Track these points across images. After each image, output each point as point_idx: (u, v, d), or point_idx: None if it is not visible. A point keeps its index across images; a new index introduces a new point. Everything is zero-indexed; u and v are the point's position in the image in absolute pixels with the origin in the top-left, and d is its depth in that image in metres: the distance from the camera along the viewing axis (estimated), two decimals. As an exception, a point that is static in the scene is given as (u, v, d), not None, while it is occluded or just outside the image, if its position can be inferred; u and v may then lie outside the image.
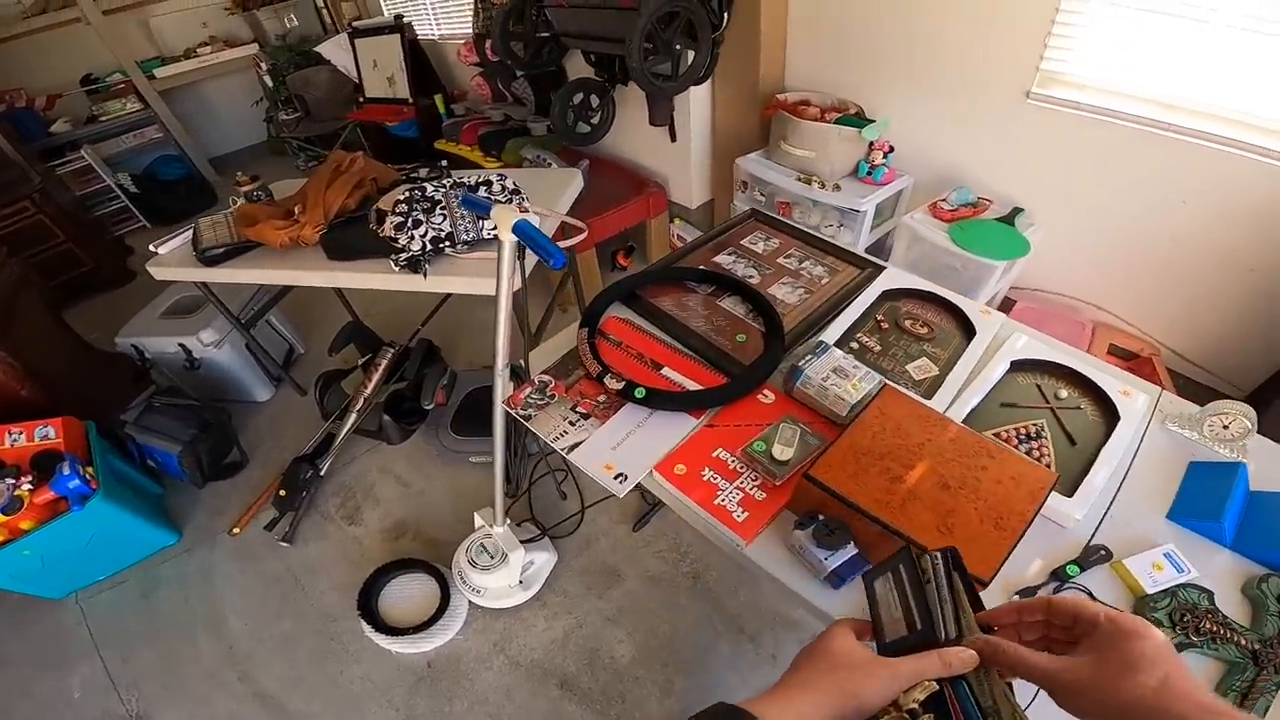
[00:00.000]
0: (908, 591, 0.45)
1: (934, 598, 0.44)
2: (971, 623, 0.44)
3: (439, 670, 1.46)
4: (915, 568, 0.46)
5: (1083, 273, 1.71)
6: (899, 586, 0.46)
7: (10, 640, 1.64)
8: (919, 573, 0.45)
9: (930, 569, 0.45)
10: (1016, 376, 1.00)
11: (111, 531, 1.64)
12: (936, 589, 0.44)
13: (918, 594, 0.44)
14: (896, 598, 0.45)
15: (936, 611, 0.43)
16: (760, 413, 0.93)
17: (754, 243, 1.34)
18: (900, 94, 1.81)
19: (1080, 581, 0.75)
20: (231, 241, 1.55)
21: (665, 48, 1.67)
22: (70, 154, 3.19)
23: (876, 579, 0.48)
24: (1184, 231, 1.49)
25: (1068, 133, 1.55)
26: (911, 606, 0.44)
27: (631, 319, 1.13)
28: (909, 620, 0.44)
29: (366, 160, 1.67)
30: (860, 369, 0.91)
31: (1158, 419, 0.92)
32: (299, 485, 1.78)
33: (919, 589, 0.44)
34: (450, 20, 3.12)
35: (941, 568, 0.45)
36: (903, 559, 0.47)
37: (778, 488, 0.83)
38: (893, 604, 0.46)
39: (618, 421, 0.93)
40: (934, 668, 0.41)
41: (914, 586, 0.45)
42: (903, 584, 0.45)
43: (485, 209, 0.91)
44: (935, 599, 0.44)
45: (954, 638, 0.42)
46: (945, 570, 0.45)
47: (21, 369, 1.67)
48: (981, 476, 0.75)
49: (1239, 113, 1.34)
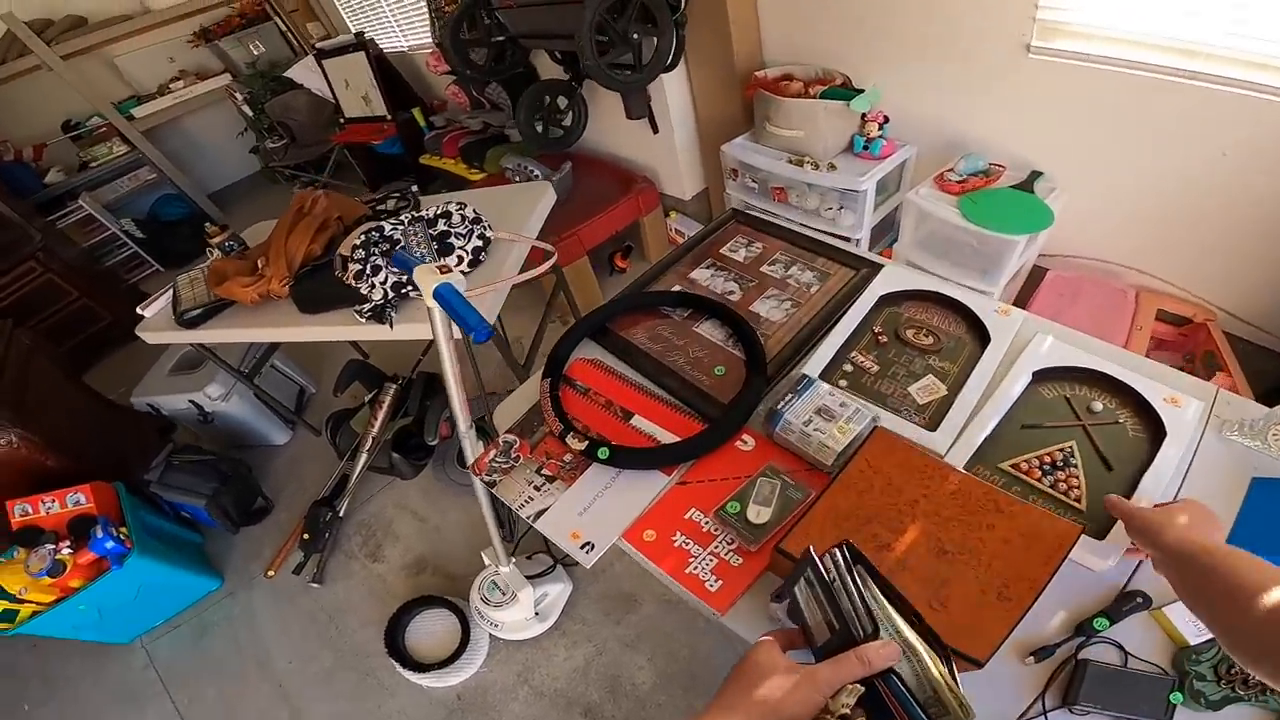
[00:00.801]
0: (819, 594, 0.44)
1: (842, 596, 0.43)
2: (888, 612, 0.43)
3: (468, 702, 1.49)
4: (820, 568, 0.44)
5: (1119, 235, 1.53)
6: (813, 590, 0.45)
7: (90, 684, 1.78)
8: (824, 573, 0.44)
9: (833, 568, 0.44)
10: (1040, 389, 0.87)
11: (156, 583, 1.73)
12: (843, 586, 0.43)
13: (828, 595, 0.43)
14: (815, 602, 0.44)
15: (848, 610, 0.42)
16: (739, 463, 0.85)
17: (735, 250, 1.23)
18: (888, 59, 1.63)
19: (1110, 635, 0.65)
20: (208, 301, 1.54)
21: (621, 38, 1.54)
22: (70, 204, 3.15)
23: (795, 585, 0.46)
24: (1228, 184, 1.31)
25: (1081, 87, 1.37)
26: (827, 607, 0.43)
27: (600, 358, 1.06)
28: (829, 622, 0.43)
29: (330, 198, 1.61)
30: (849, 406, 0.82)
31: (1214, 425, 0.79)
32: (320, 528, 1.82)
33: (828, 589, 0.43)
34: (415, 31, 3.01)
35: (842, 564, 0.44)
36: (808, 563, 0.45)
37: (754, 553, 0.75)
38: (814, 608, 0.44)
39: (585, 483, 0.87)
40: (853, 669, 0.40)
41: (823, 588, 0.44)
42: (814, 587, 0.44)
43: (408, 267, 0.84)
44: (844, 597, 0.43)
45: (870, 633, 0.41)
46: (846, 565, 0.43)
47: (42, 442, 1.74)
48: (986, 537, 0.66)
49: (1267, 56, 1.15)
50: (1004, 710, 0.62)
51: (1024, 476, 0.77)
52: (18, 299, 2.56)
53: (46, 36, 2.89)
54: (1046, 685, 0.64)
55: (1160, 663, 0.63)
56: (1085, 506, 0.73)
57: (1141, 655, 0.64)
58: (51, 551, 1.56)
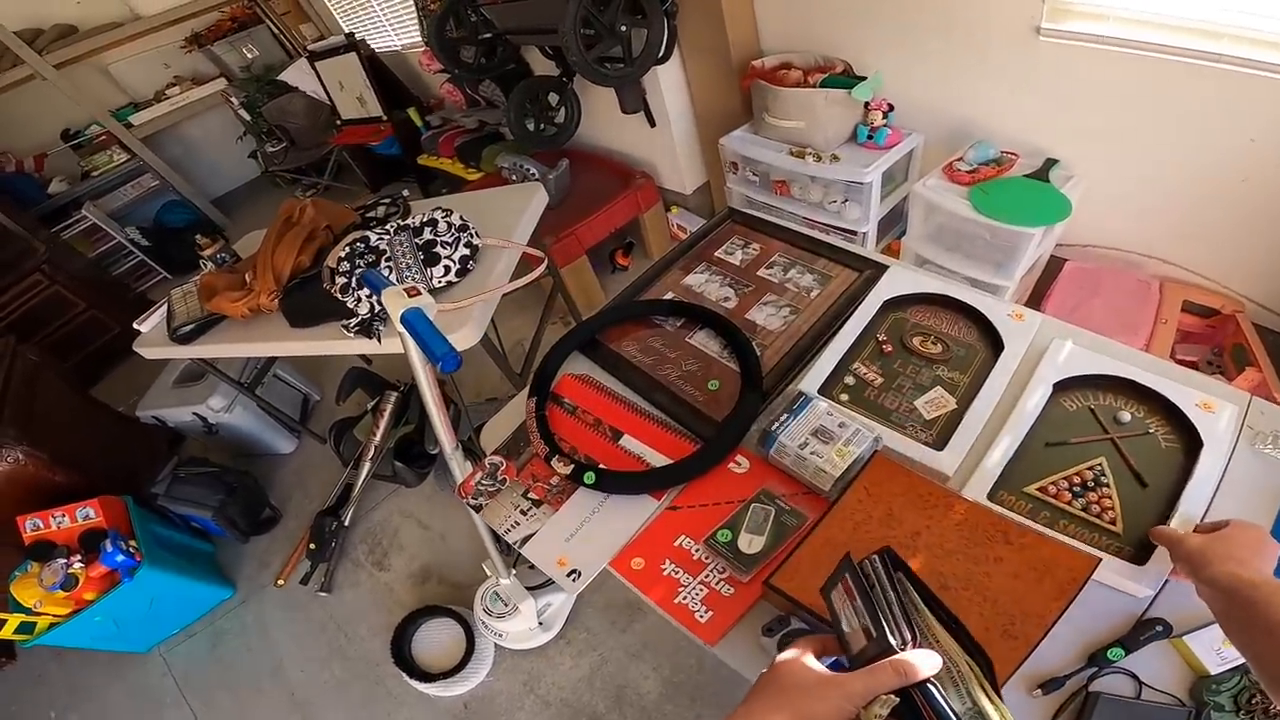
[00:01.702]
0: (857, 600, 0.42)
1: (880, 603, 0.41)
2: (929, 621, 0.42)
3: (475, 711, 1.49)
4: (859, 574, 0.43)
5: (1140, 223, 1.44)
6: (850, 596, 0.43)
7: (113, 692, 1.82)
8: (864, 579, 0.42)
9: (872, 573, 0.43)
10: (1062, 400, 0.81)
11: (168, 594, 1.75)
12: (882, 593, 0.42)
13: (867, 601, 0.42)
14: (851, 608, 0.43)
15: (884, 618, 0.40)
16: (732, 486, 0.81)
17: (730, 253, 1.18)
18: (890, 44, 1.55)
19: (1125, 665, 0.61)
20: (200, 316, 1.53)
21: (609, 31, 1.48)
22: (74, 214, 3.12)
23: (831, 591, 0.45)
24: (1256, 170, 1.22)
25: (1095, 70, 1.29)
26: (865, 615, 0.42)
27: (589, 373, 1.02)
28: (865, 630, 0.41)
29: (318, 205, 1.58)
30: (849, 426, 0.77)
31: (1247, 437, 0.73)
32: (326, 537, 1.83)
33: (867, 596, 0.42)
34: (406, 30, 2.95)
35: (882, 570, 0.42)
36: (846, 567, 0.44)
37: (746, 584, 0.72)
38: (850, 615, 0.43)
39: (572, 507, 0.84)
40: (888, 679, 0.38)
41: (862, 594, 0.42)
42: (853, 593, 0.43)
43: (378, 289, 0.81)
44: (882, 604, 0.41)
45: (909, 641, 0.40)
46: (886, 571, 0.42)
47: (48, 458, 1.76)
48: (993, 571, 0.61)
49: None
50: None
51: (1053, 500, 0.71)
52: (25, 313, 2.55)
53: (37, 46, 2.87)
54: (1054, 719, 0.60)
55: (1177, 693, 0.60)
56: (1121, 529, 0.68)
57: (1157, 685, 0.60)
58: (64, 565, 1.58)
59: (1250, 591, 0.48)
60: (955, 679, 0.40)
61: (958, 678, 0.41)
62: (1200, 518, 0.67)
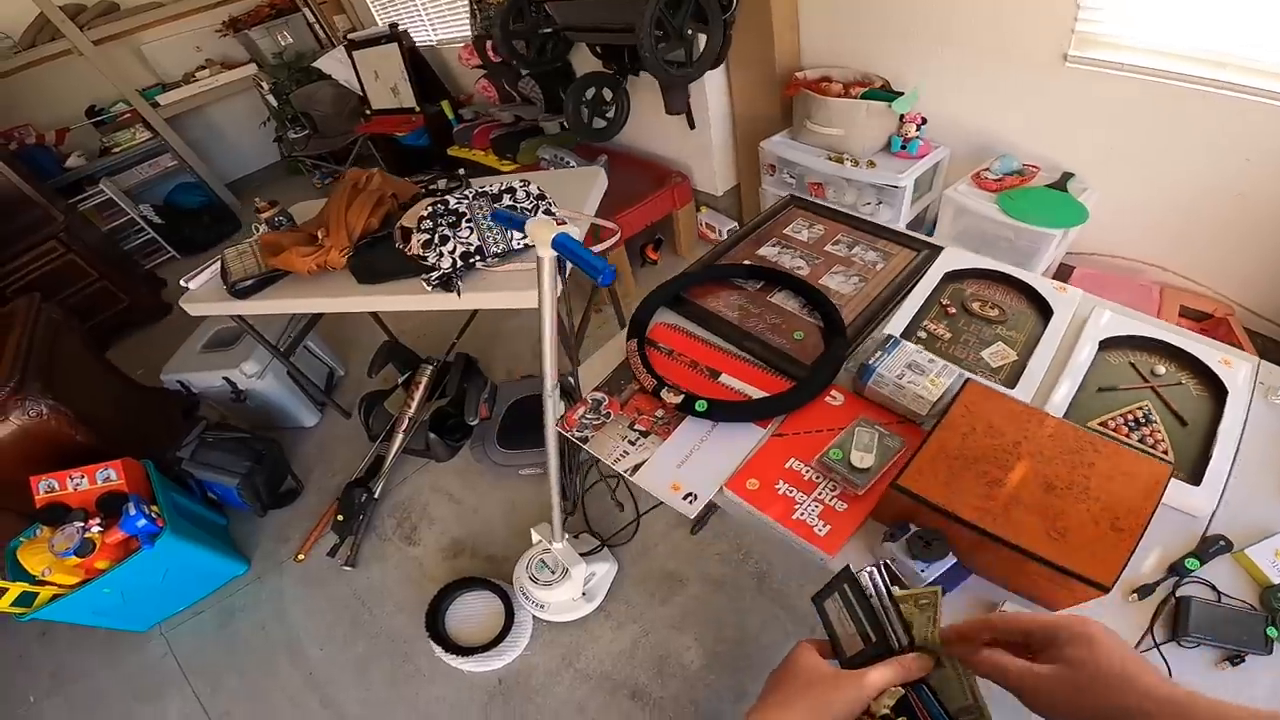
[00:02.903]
0: (856, 608, 0.47)
1: (880, 610, 0.46)
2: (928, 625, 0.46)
3: (510, 687, 1.46)
4: (858, 585, 0.48)
5: (1143, 233, 1.61)
6: (847, 604, 0.48)
7: (105, 673, 1.71)
8: (862, 589, 0.47)
9: (870, 584, 0.47)
10: (1106, 356, 0.93)
11: (184, 565, 1.68)
12: (880, 601, 0.46)
13: (865, 609, 0.47)
14: (847, 615, 0.48)
15: (885, 623, 0.45)
16: (830, 416, 0.88)
17: (797, 231, 1.28)
18: (927, 64, 1.71)
19: (1202, 575, 0.70)
20: (260, 272, 1.54)
21: (676, 34, 1.60)
22: (89, 189, 3.17)
23: (826, 600, 0.50)
24: (1251, 187, 1.40)
25: (1113, 95, 1.45)
26: (863, 621, 0.47)
27: (679, 324, 1.09)
28: (862, 634, 0.46)
29: (383, 176, 1.64)
30: (937, 363, 0.86)
31: (1260, 392, 0.85)
32: (355, 509, 1.81)
33: (865, 604, 0.47)
34: (446, 25, 3.06)
35: (880, 581, 0.47)
36: (845, 578, 0.49)
37: (860, 497, 0.79)
38: (845, 621, 0.48)
39: (680, 437, 0.90)
40: (896, 674, 0.43)
41: (860, 602, 0.47)
42: (850, 602, 0.47)
43: (519, 225, 0.86)
44: (881, 611, 0.46)
45: (905, 645, 0.45)
46: (884, 583, 0.47)
47: (73, 415, 1.71)
48: (1090, 474, 0.69)
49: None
50: None
51: (1113, 434, 0.81)
52: (40, 277, 2.56)
53: (79, 21, 2.90)
54: (1152, 621, 0.68)
55: (1250, 600, 0.67)
56: (1174, 459, 0.78)
57: (1231, 594, 0.68)
58: (80, 529, 1.50)
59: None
60: (957, 673, 0.44)
61: (964, 676, 0.44)
62: (1233, 457, 0.77)
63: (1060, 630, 0.40)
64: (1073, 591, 0.65)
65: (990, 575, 0.73)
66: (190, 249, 3.39)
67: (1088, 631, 0.40)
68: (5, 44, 3.02)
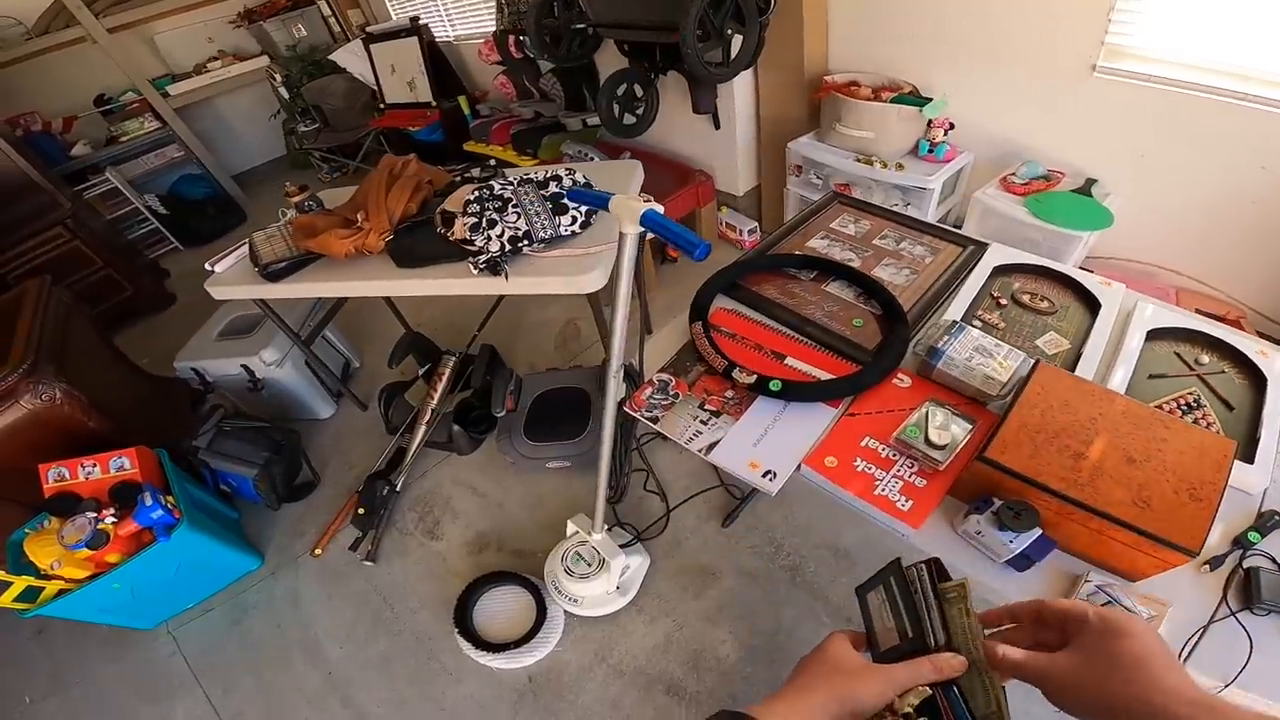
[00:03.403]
0: (899, 602, 0.47)
1: (922, 607, 0.46)
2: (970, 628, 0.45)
3: (540, 685, 1.42)
4: (904, 579, 0.47)
5: (1160, 238, 1.67)
6: (890, 598, 0.48)
7: (109, 673, 1.63)
8: (908, 584, 0.47)
9: (916, 579, 0.47)
10: (1153, 346, 0.98)
11: (198, 560, 1.62)
12: (924, 598, 0.46)
13: (908, 604, 0.46)
14: (888, 609, 0.47)
15: (925, 620, 0.45)
16: (899, 397, 0.90)
17: (844, 225, 1.30)
18: (955, 71, 1.77)
19: (1263, 548, 0.73)
20: (291, 255, 1.52)
21: (716, 33, 1.63)
22: (93, 177, 3.14)
23: (869, 592, 0.50)
24: (1265, 194, 1.46)
25: (1138, 104, 1.51)
26: (903, 616, 0.46)
27: (738, 309, 1.10)
28: (900, 629, 0.46)
29: (419, 163, 1.64)
30: (1003, 347, 0.89)
31: None
32: (377, 503, 1.77)
33: (909, 599, 0.46)
34: (466, 20, 3.07)
35: (927, 577, 0.47)
36: (892, 571, 0.48)
37: (939, 473, 0.80)
38: (885, 615, 0.48)
39: (752, 417, 0.91)
40: (927, 673, 0.42)
41: (904, 597, 0.47)
42: (894, 595, 0.47)
43: (603, 201, 0.87)
44: (923, 608, 0.45)
45: (943, 644, 0.44)
46: (930, 580, 0.46)
47: (85, 400, 1.65)
48: (1164, 449, 0.72)
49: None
50: (1194, 614, 0.69)
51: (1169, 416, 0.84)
52: (45, 263, 2.51)
53: (95, 9, 2.89)
54: (1224, 590, 0.70)
55: None
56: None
57: None
58: (93, 520, 1.44)
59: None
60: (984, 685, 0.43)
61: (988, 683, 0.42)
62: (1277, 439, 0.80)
63: (1090, 619, 0.39)
64: (1157, 558, 0.68)
65: (1071, 547, 0.74)
66: (194, 240, 3.34)
67: (1120, 621, 0.38)
68: (17, 30, 2.98)
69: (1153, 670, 0.36)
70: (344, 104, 3.29)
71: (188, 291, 3.02)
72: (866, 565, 1.50)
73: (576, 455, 1.72)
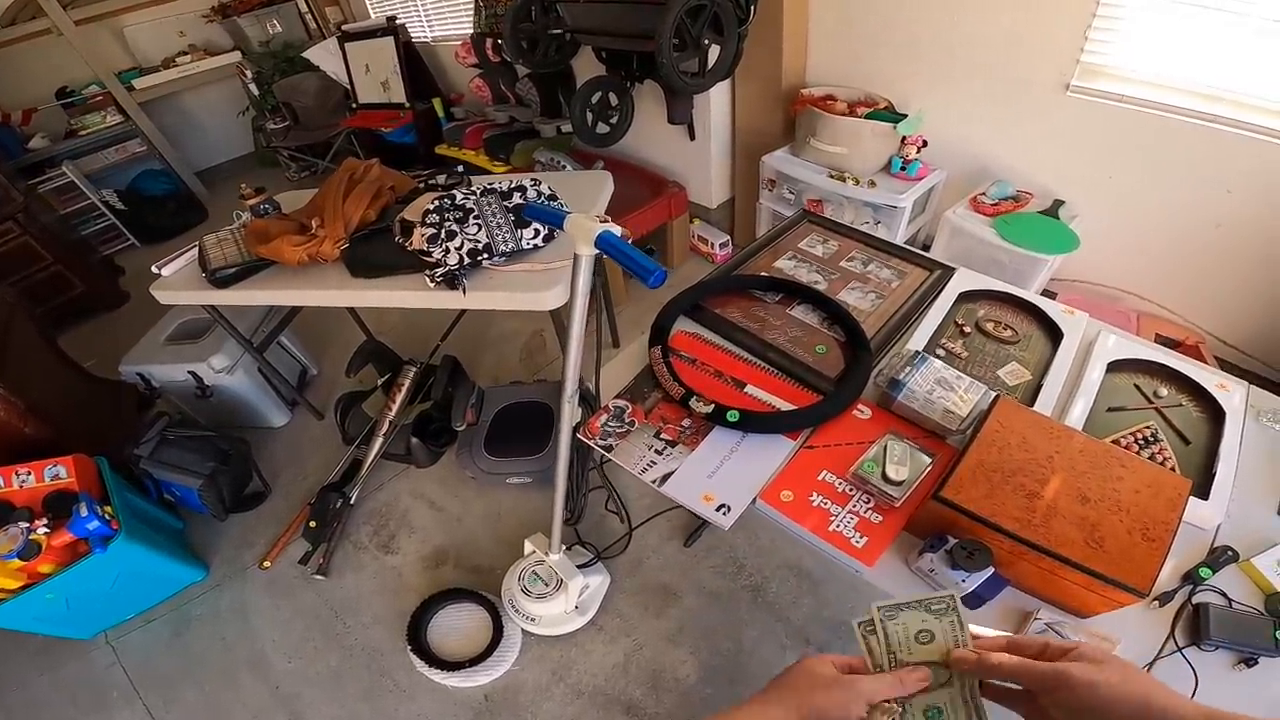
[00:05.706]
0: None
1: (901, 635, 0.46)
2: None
3: (497, 704, 1.40)
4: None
5: (1124, 262, 1.69)
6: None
7: (44, 684, 1.57)
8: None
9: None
10: (1114, 378, 0.97)
11: (137, 571, 1.56)
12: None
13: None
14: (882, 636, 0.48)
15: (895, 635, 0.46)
16: (859, 429, 0.88)
17: (812, 246, 1.28)
18: (931, 88, 1.77)
19: (1213, 584, 0.72)
20: (243, 260, 1.46)
21: (693, 43, 1.61)
22: (50, 171, 3.03)
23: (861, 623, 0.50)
24: (1228, 218, 1.48)
25: (1109, 124, 1.52)
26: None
27: (700, 333, 1.07)
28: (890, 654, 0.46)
29: (381, 168, 1.58)
30: (964, 379, 0.87)
31: (1251, 414, 0.90)
32: (329, 515, 1.70)
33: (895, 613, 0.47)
34: (444, 21, 3.01)
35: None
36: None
37: (895, 509, 0.78)
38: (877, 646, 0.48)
39: (708, 447, 0.88)
40: (890, 687, 0.43)
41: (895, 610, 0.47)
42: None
43: (558, 219, 0.82)
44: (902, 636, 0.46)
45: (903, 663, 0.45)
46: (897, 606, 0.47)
47: (23, 405, 1.56)
48: (1119, 487, 0.71)
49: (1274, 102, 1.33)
50: (1143, 649, 0.68)
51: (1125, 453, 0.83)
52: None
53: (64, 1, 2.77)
54: (1173, 626, 0.70)
55: (1257, 606, 0.71)
56: (1180, 474, 0.81)
57: (1241, 600, 0.71)
58: (25, 530, 1.38)
59: None
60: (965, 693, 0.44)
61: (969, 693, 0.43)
62: (1233, 474, 0.80)
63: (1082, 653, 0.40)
64: (1107, 598, 0.67)
65: (1023, 584, 0.73)
66: (152, 237, 3.21)
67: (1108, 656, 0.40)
68: (-18, 21, 2.86)
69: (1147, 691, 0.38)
70: (315, 102, 3.19)
71: (143, 290, 2.91)
72: (829, 587, 1.49)
73: (538, 471, 1.68)
